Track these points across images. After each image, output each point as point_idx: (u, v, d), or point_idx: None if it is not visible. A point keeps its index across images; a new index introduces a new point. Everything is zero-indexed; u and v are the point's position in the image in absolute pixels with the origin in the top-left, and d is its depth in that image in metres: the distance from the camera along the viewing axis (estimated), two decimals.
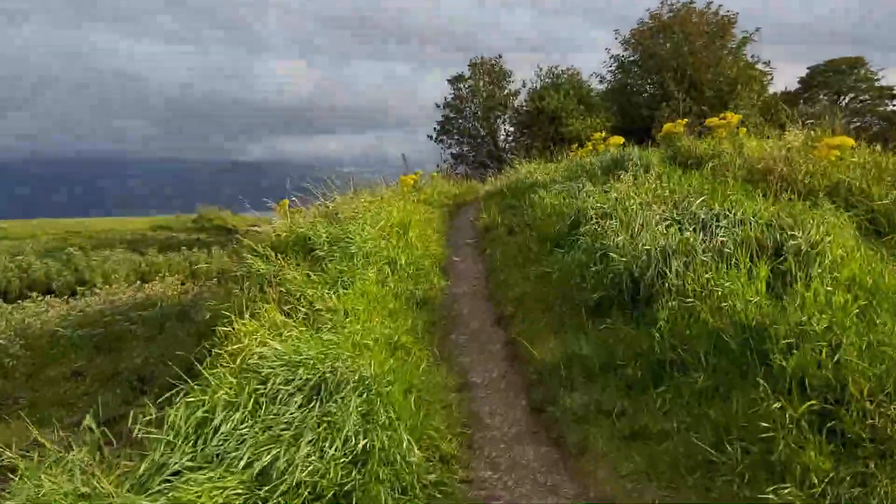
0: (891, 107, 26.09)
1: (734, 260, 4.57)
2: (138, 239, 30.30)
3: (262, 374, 3.47)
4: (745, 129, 9.81)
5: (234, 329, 4.30)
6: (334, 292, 5.46)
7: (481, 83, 25.21)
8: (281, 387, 3.35)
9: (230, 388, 3.35)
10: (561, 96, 22.20)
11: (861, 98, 27.06)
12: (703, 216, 5.70)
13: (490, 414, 4.14)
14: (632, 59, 22.66)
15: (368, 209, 8.14)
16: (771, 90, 23.06)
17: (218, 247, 24.37)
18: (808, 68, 27.48)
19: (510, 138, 25.30)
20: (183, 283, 15.96)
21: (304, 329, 4.40)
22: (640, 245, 5.13)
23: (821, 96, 27.11)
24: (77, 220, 37.89)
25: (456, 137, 25.55)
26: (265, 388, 3.35)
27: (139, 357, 7.62)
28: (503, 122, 25.29)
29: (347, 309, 4.75)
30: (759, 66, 21.95)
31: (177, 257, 25.70)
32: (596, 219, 6.56)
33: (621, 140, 14.57)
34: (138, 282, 17.09)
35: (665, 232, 5.34)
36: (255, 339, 4.25)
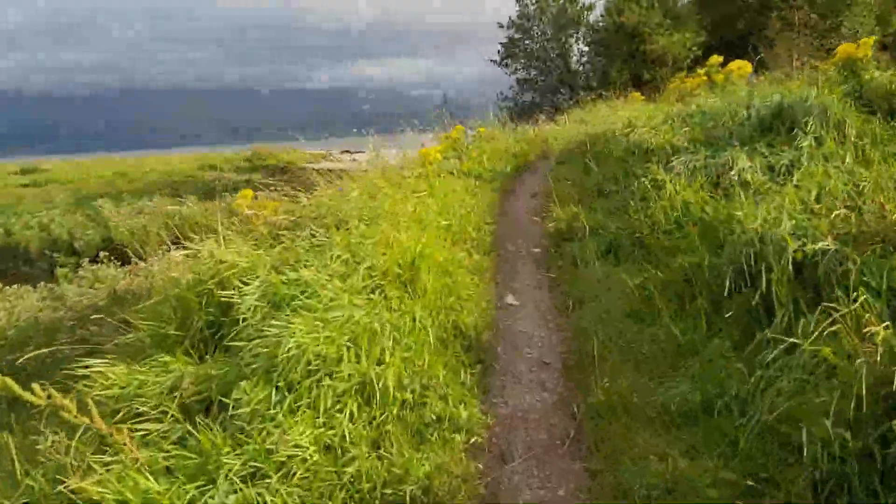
0: None
1: None
2: (181, 181, 28.22)
3: None
4: None
5: None
6: None
7: None
8: None
9: None
10: (643, 9, 18.48)
11: None
12: None
13: None
14: None
15: (362, 216, 4.80)
16: None
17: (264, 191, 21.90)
18: None
19: (584, 59, 21.61)
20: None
21: None
22: None
23: None
24: (130, 157, 36.38)
25: (522, 61, 22.14)
26: None
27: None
28: (576, 42, 21.52)
29: None
30: None
31: (215, 206, 23.29)
32: (799, 270, 3.22)
33: (749, 68, 10.60)
34: (150, 251, 14.76)
35: None
36: None
